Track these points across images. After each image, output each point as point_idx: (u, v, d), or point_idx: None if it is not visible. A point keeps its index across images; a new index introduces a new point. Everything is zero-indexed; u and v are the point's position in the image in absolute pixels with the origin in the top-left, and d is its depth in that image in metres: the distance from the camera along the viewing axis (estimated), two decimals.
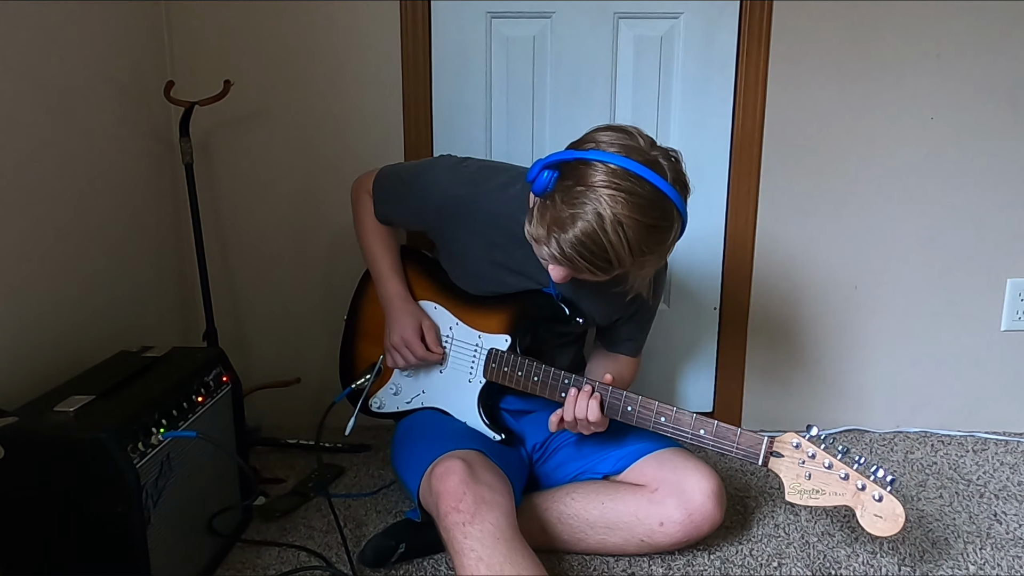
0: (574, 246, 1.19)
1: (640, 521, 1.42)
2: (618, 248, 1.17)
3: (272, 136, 1.92)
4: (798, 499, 1.31)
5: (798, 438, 1.31)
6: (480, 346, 1.52)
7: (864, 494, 1.27)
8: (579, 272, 1.25)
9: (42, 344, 1.43)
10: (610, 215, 1.16)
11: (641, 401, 1.37)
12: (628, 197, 1.16)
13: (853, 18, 1.83)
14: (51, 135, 1.46)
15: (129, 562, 1.18)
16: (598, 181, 1.17)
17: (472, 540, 1.22)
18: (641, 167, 1.18)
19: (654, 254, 1.23)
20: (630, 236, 1.17)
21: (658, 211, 1.20)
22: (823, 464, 1.29)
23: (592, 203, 1.16)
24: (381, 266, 1.59)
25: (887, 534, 1.26)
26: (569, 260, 1.21)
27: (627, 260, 1.20)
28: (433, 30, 1.87)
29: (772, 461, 1.33)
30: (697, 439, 1.35)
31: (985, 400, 2.03)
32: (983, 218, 1.93)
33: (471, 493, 1.25)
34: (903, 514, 1.25)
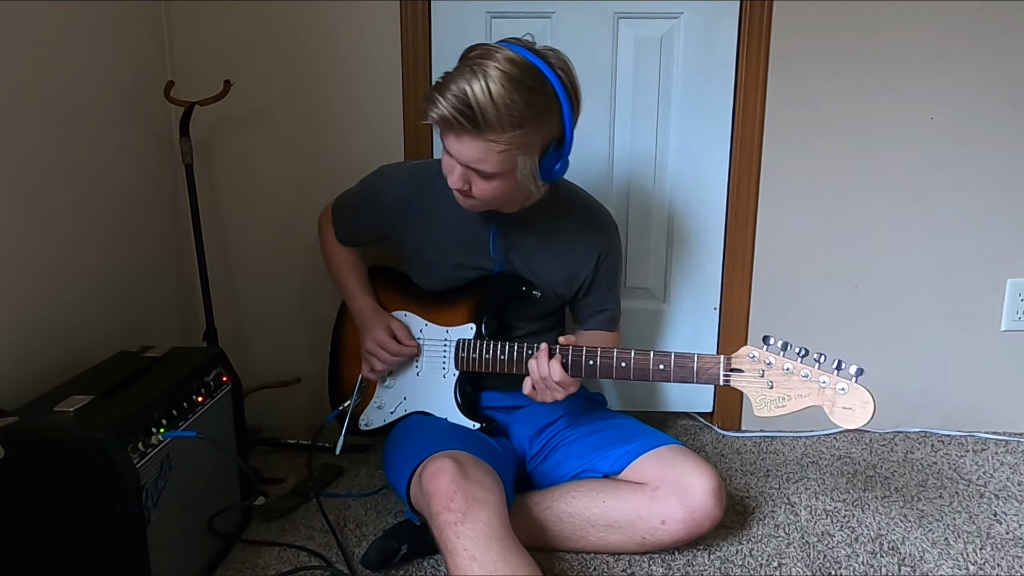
0: (448, 105, 1.25)
1: (642, 519, 1.42)
2: (483, 103, 1.24)
3: (272, 136, 1.92)
4: (767, 411, 1.28)
5: (754, 350, 1.29)
6: (448, 340, 1.57)
7: (829, 389, 1.24)
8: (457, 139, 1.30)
9: (42, 344, 1.43)
10: (480, 72, 1.25)
11: (600, 352, 1.39)
12: (502, 62, 1.27)
13: (853, 18, 1.83)
14: (51, 135, 1.46)
15: (129, 562, 1.18)
16: (483, 51, 1.29)
17: (465, 540, 1.22)
18: (522, 49, 1.30)
19: (521, 116, 1.27)
20: (494, 89, 1.24)
21: (529, 80, 1.28)
22: (783, 369, 1.26)
23: (468, 66, 1.28)
24: (349, 284, 1.68)
25: (860, 423, 1.23)
26: (444, 121, 1.28)
27: (493, 117, 1.25)
28: (433, 30, 1.87)
29: (734, 379, 1.30)
30: (659, 374, 1.35)
31: (985, 400, 2.03)
32: (983, 218, 1.93)
33: (462, 492, 1.25)
34: (871, 400, 1.22)
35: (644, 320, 2.03)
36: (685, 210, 1.97)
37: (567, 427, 1.57)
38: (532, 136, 1.31)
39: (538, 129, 1.31)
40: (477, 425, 1.55)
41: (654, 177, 1.96)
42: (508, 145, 1.29)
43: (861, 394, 1.23)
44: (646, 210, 1.98)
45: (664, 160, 1.95)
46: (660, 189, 1.97)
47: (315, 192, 1.87)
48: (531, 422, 1.59)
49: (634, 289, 2.02)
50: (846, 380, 1.24)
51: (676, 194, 1.97)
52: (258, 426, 1.97)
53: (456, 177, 1.35)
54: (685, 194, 1.96)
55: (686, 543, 1.46)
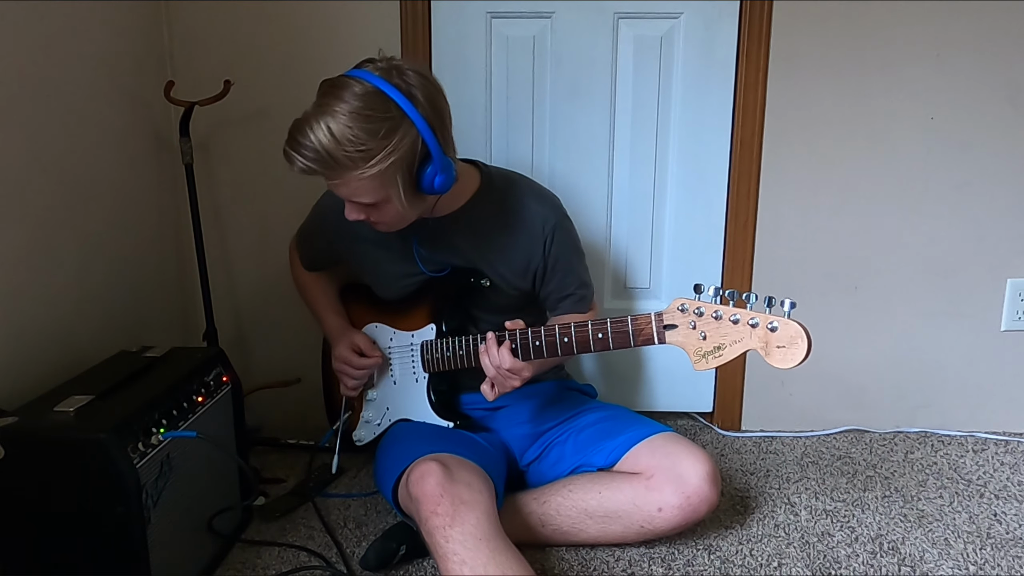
0: (300, 155, 1.27)
1: (639, 508, 1.42)
2: (325, 142, 1.24)
3: (272, 136, 1.89)
4: (704, 364, 1.19)
5: (684, 300, 1.22)
6: (414, 344, 1.59)
7: (759, 330, 1.14)
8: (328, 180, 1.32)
9: (42, 344, 1.43)
10: (320, 113, 1.26)
11: (544, 331, 1.37)
12: (332, 96, 1.27)
13: (853, 18, 1.83)
14: (51, 135, 1.47)
15: (129, 562, 1.18)
16: (323, 88, 1.30)
17: (454, 543, 1.22)
18: (364, 73, 1.29)
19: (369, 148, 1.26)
20: (335, 130, 1.24)
21: (371, 106, 1.26)
22: (712, 316, 1.18)
23: (312, 107, 1.29)
24: (317, 307, 1.73)
25: (796, 361, 1.12)
26: (302, 171, 1.29)
27: (340, 155, 1.25)
28: (433, 30, 1.87)
29: (668, 335, 1.24)
30: (600, 343, 1.33)
31: (985, 400, 2.03)
32: (983, 218, 1.93)
33: (448, 495, 1.26)
34: (802, 332, 1.11)
35: None
36: (685, 210, 1.97)
37: (558, 425, 1.58)
38: (388, 160, 1.28)
39: (391, 153, 1.28)
40: (451, 424, 1.56)
41: (654, 177, 1.96)
42: (369, 176, 1.29)
43: (792, 328, 1.12)
44: (646, 210, 1.98)
45: (664, 160, 1.94)
46: (660, 189, 1.97)
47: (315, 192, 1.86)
48: (517, 420, 1.60)
49: (634, 289, 2.02)
50: (776, 317, 1.13)
51: (676, 194, 1.97)
52: (258, 426, 1.97)
53: (350, 212, 1.38)
54: (685, 194, 1.96)
55: (684, 530, 1.46)
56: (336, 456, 1.69)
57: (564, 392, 1.68)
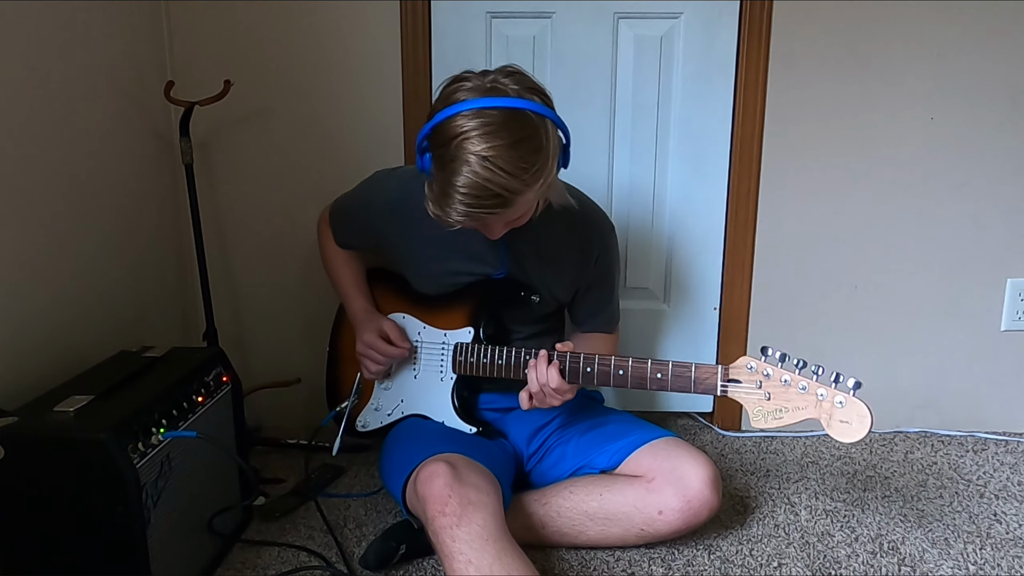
0: (464, 203, 1.22)
1: (639, 511, 1.42)
2: (498, 180, 1.20)
3: (272, 136, 1.92)
4: (763, 423, 1.26)
5: (752, 360, 1.28)
6: (446, 343, 1.57)
7: (826, 402, 1.22)
8: (491, 222, 1.30)
9: (42, 344, 1.43)
10: (474, 158, 1.19)
11: (598, 359, 1.38)
12: (482, 131, 1.20)
13: (853, 18, 1.83)
14: (51, 135, 1.47)
15: (129, 562, 1.18)
16: (453, 133, 1.22)
17: (460, 543, 1.22)
18: (482, 100, 1.23)
19: (536, 165, 1.24)
20: (501, 164, 1.19)
21: (516, 127, 1.22)
22: (780, 381, 1.25)
23: (457, 157, 1.21)
24: (344, 286, 1.68)
25: (857, 438, 1.21)
26: (471, 217, 1.24)
27: (513, 184, 1.21)
28: (433, 30, 1.87)
29: (731, 389, 1.30)
30: (657, 383, 1.35)
31: (985, 400, 2.03)
32: (983, 218, 1.93)
33: (456, 495, 1.26)
34: (868, 413, 1.20)
35: (644, 320, 2.03)
36: (685, 210, 1.97)
37: (563, 426, 1.58)
38: (550, 165, 1.29)
39: (552, 157, 1.28)
40: (474, 429, 1.54)
41: (654, 177, 1.96)
42: (538, 191, 1.28)
43: (859, 408, 1.21)
44: (646, 210, 1.98)
45: (664, 160, 1.95)
46: (660, 189, 1.97)
47: (315, 192, 1.87)
48: (528, 422, 1.59)
49: (634, 289, 2.02)
50: (844, 393, 1.22)
51: (676, 194, 1.97)
52: (258, 426, 1.97)
53: (497, 232, 1.35)
54: (685, 194, 1.96)
55: (684, 533, 1.46)
56: (338, 439, 1.63)
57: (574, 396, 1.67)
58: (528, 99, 1.25)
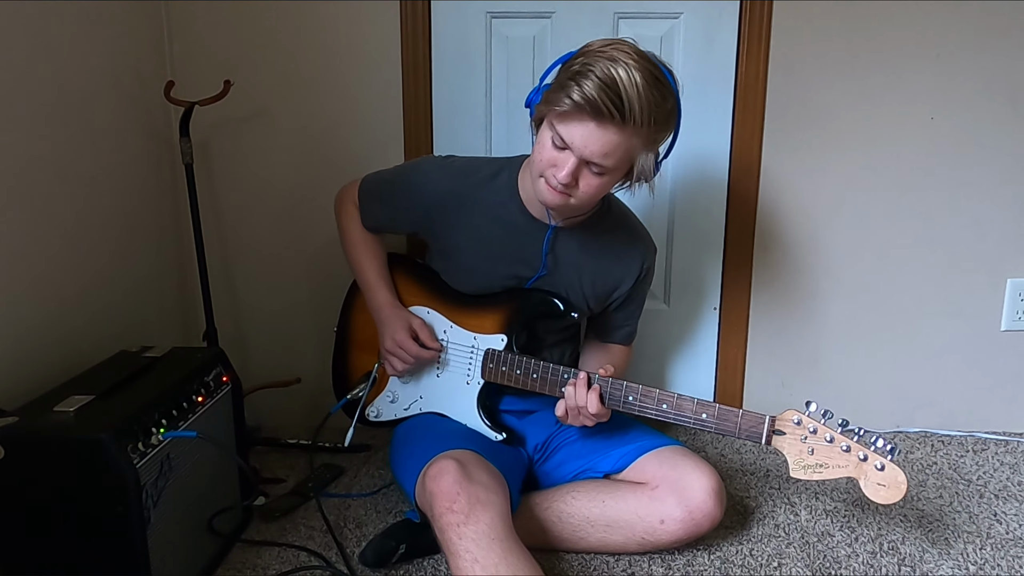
0: (596, 87, 1.23)
1: (641, 519, 1.42)
2: (630, 90, 1.23)
3: (272, 136, 1.92)
4: (803, 474, 1.33)
5: (799, 414, 1.33)
6: (476, 347, 1.53)
7: (867, 464, 1.29)
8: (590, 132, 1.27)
9: (42, 344, 1.43)
10: (623, 61, 1.23)
11: (641, 390, 1.38)
12: (632, 53, 1.26)
13: (853, 18, 1.83)
14: (51, 135, 1.46)
15: (129, 562, 1.18)
16: (597, 46, 1.27)
17: (467, 541, 1.22)
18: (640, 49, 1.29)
19: (661, 112, 1.28)
20: (639, 81, 1.23)
21: (662, 77, 1.28)
22: (825, 438, 1.31)
23: (602, 55, 1.25)
24: (368, 275, 1.61)
25: (891, 501, 1.28)
26: (587, 103, 1.24)
27: (636, 107, 1.23)
28: (433, 30, 1.87)
29: (775, 439, 1.34)
30: (700, 423, 1.36)
31: (985, 400, 2.03)
32: (983, 218, 1.93)
33: (465, 493, 1.25)
34: (905, 480, 1.28)
35: (644, 320, 2.01)
36: (685, 210, 1.97)
37: (569, 427, 1.57)
38: (660, 135, 1.31)
39: (665, 129, 1.31)
40: (500, 436, 1.52)
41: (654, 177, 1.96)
42: (640, 140, 1.29)
43: (897, 474, 1.28)
44: (646, 210, 1.97)
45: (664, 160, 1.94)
46: (660, 189, 1.96)
47: (315, 192, 1.87)
48: (543, 426, 1.58)
49: None
50: (883, 458, 1.29)
51: (676, 194, 1.97)
52: (258, 426, 1.97)
53: (567, 171, 1.31)
54: (685, 194, 1.96)
55: (686, 543, 1.45)
56: (352, 428, 1.60)
57: None
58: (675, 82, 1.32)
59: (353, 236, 1.63)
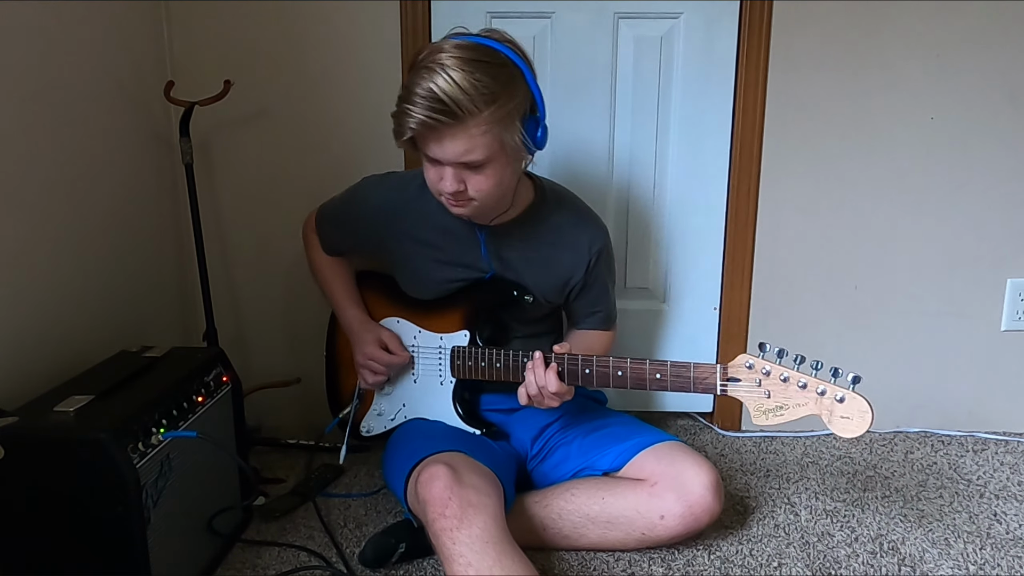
0: (419, 109, 1.25)
1: (640, 515, 1.42)
2: (453, 93, 1.24)
3: (272, 136, 1.92)
4: (764, 420, 1.27)
5: (751, 358, 1.28)
6: (443, 347, 1.56)
7: (826, 398, 1.23)
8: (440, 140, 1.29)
9: (42, 344, 1.43)
10: (433, 66, 1.26)
11: (596, 360, 1.38)
12: (448, 49, 1.27)
13: (853, 18, 1.83)
14: (51, 135, 1.47)
15: (129, 562, 1.18)
16: (421, 53, 1.31)
17: (461, 546, 1.22)
18: (458, 35, 1.32)
19: (491, 91, 1.27)
20: (456, 76, 1.24)
21: (481, 52, 1.29)
22: (780, 378, 1.25)
23: (421, 66, 1.28)
24: (336, 295, 1.68)
25: (858, 433, 1.21)
26: (422, 125, 1.27)
27: (465, 102, 1.25)
28: (433, 30, 1.87)
29: (731, 388, 1.30)
30: (656, 383, 1.35)
31: (985, 400, 2.03)
32: (983, 218, 1.93)
33: (456, 498, 1.25)
34: (869, 409, 1.20)
35: (644, 320, 2.03)
36: (685, 210, 1.97)
37: (566, 427, 1.57)
38: (507, 108, 1.30)
39: (510, 99, 1.30)
40: (479, 431, 1.54)
41: (654, 177, 1.96)
42: (489, 124, 1.28)
43: (859, 403, 1.21)
44: (646, 210, 1.98)
45: (664, 160, 1.95)
46: (660, 189, 1.97)
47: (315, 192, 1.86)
48: (532, 423, 1.59)
49: (634, 289, 2.02)
50: (843, 389, 1.22)
51: (676, 194, 1.97)
52: (258, 426, 1.97)
53: (450, 180, 1.34)
54: (685, 194, 1.96)
55: (685, 539, 1.46)
56: (344, 445, 1.65)
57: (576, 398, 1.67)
58: (509, 48, 1.32)
59: (317, 262, 1.72)
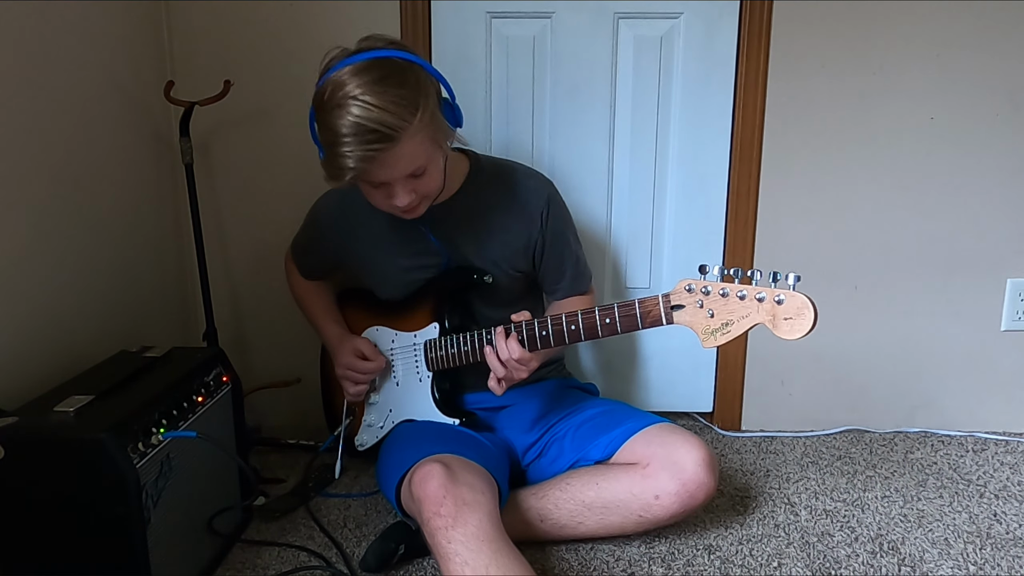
0: (352, 144, 1.26)
1: (636, 497, 1.42)
2: (376, 117, 1.24)
3: (272, 136, 1.92)
4: (712, 342, 1.23)
5: (691, 281, 1.25)
6: (417, 344, 1.59)
7: (766, 304, 1.18)
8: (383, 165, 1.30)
9: (42, 344, 1.43)
10: (347, 100, 1.25)
11: (551, 320, 1.38)
12: (351, 77, 1.27)
13: (853, 18, 1.83)
14: (51, 135, 1.47)
15: (129, 562, 1.18)
16: (326, 89, 1.30)
17: (456, 544, 1.22)
18: (344, 60, 1.31)
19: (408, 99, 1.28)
20: (375, 101, 1.25)
21: (383, 68, 1.29)
22: (719, 294, 1.22)
23: (332, 105, 1.27)
24: (315, 316, 1.74)
25: (803, 331, 1.16)
26: (365, 159, 1.27)
27: (388, 119, 1.25)
28: (433, 30, 1.87)
29: (676, 316, 1.27)
30: (607, 328, 1.34)
31: (985, 400, 2.03)
32: (983, 218, 1.93)
33: (451, 496, 1.25)
34: (809, 303, 1.15)
35: None
36: (685, 210, 1.97)
37: (558, 422, 1.58)
38: (428, 106, 1.32)
39: (427, 97, 1.32)
40: (457, 421, 1.56)
41: (654, 177, 1.96)
42: (419, 129, 1.30)
43: (798, 300, 1.16)
44: (646, 209, 1.98)
45: (664, 160, 1.95)
46: (660, 189, 1.97)
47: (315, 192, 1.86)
48: (520, 418, 1.60)
49: (634, 289, 2.02)
50: (783, 290, 1.17)
51: (676, 194, 1.97)
52: (258, 426, 1.97)
53: (402, 196, 1.36)
54: (685, 194, 1.96)
55: (683, 517, 1.45)
56: (339, 461, 1.70)
57: (565, 391, 1.68)
58: (394, 50, 1.32)
59: (297, 289, 1.79)
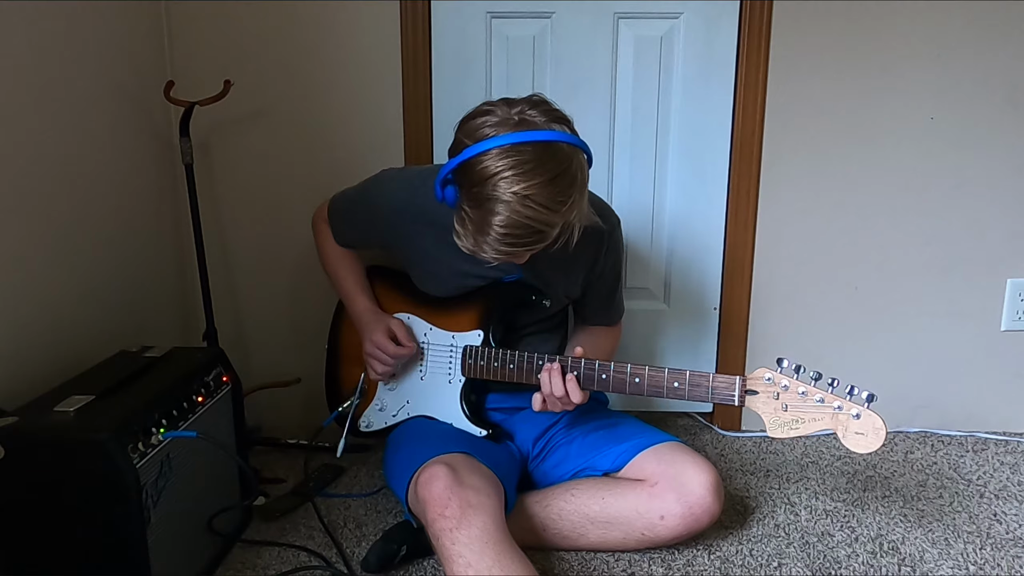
0: (504, 240, 1.23)
1: (640, 515, 1.42)
2: (538, 217, 1.21)
3: (272, 136, 1.92)
4: (780, 432, 1.31)
5: (769, 372, 1.31)
6: (455, 346, 1.55)
7: (842, 414, 1.27)
8: (525, 255, 1.31)
9: (42, 344, 1.43)
10: (512, 197, 1.20)
11: (614, 366, 1.38)
12: (518, 170, 1.20)
13: (853, 18, 1.83)
14: (51, 135, 1.47)
15: (129, 562, 1.18)
16: (487, 172, 1.21)
17: (460, 546, 1.22)
18: (514, 135, 1.22)
19: (572, 197, 1.25)
20: (541, 201, 1.20)
21: (551, 162, 1.22)
22: (797, 392, 1.29)
23: (493, 197, 1.21)
24: (347, 286, 1.66)
25: (871, 449, 1.26)
26: (509, 252, 1.26)
27: (552, 219, 1.23)
28: (433, 30, 1.87)
29: (748, 400, 1.33)
30: (673, 392, 1.36)
31: (985, 400, 2.03)
32: (983, 218, 1.93)
33: (456, 498, 1.25)
34: (883, 426, 1.25)
35: (644, 320, 2.03)
36: (685, 210, 1.97)
37: (567, 426, 1.57)
38: (582, 197, 1.28)
39: (581, 189, 1.27)
40: (484, 432, 1.53)
41: (654, 177, 1.96)
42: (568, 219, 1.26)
43: (874, 420, 1.25)
44: (646, 210, 1.98)
45: (664, 160, 1.95)
46: (660, 189, 1.97)
47: (315, 192, 1.86)
48: (535, 423, 1.59)
49: (634, 289, 2.02)
50: (859, 406, 1.26)
51: (676, 194, 1.97)
52: (258, 426, 1.97)
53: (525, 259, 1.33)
54: (685, 194, 1.96)
55: (685, 539, 1.46)
56: (343, 440, 1.62)
57: None
58: (558, 130, 1.25)
59: (328, 253, 1.69)
